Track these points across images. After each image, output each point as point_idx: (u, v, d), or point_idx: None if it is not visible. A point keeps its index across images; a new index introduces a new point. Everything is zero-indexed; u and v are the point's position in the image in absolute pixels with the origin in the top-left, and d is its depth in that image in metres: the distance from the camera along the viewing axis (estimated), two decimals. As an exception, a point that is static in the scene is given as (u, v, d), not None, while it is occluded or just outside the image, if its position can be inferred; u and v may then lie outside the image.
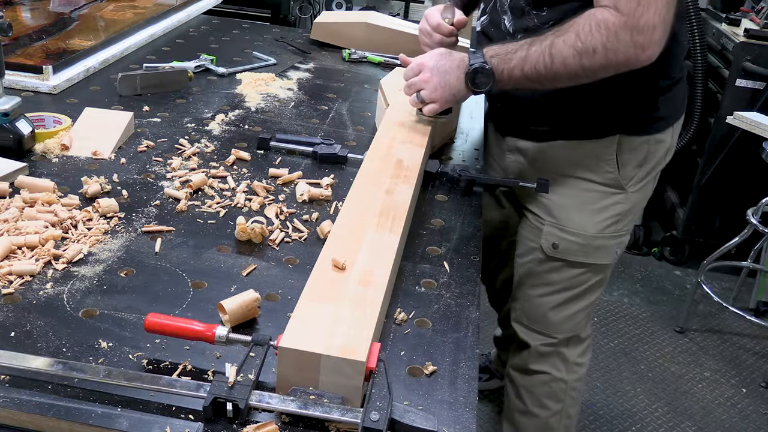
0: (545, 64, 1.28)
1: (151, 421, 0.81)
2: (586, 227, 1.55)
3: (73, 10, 2.25)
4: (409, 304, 1.07)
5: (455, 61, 1.40)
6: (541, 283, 1.65)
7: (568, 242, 1.57)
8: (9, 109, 1.35)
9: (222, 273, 1.10)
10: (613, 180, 1.52)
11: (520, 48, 1.32)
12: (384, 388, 0.83)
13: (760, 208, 2.75)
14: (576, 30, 1.26)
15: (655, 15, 1.21)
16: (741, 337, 3.03)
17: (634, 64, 1.26)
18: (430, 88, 1.41)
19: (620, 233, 1.58)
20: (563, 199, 1.56)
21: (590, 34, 1.24)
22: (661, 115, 1.51)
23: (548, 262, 1.61)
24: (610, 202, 1.54)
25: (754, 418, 2.57)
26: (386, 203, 1.19)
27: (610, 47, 1.23)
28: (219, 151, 1.49)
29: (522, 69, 1.31)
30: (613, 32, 1.22)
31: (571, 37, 1.26)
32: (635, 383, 2.68)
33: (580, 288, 1.63)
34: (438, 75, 1.40)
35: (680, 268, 3.49)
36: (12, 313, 0.96)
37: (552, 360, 1.72)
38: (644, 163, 1.53)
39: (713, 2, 3.74)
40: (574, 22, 1.27)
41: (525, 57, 1.31)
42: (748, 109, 3.00)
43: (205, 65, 1.96)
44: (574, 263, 1.59)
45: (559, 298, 1.64)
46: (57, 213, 1.17)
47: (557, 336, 1.69)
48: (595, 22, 1.24)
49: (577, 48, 1.25)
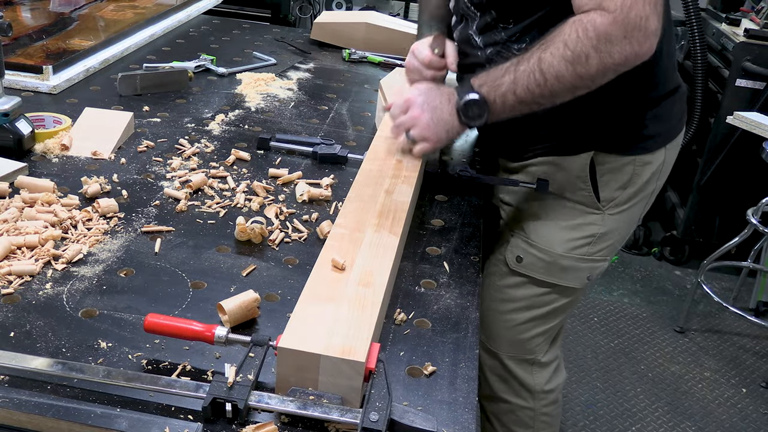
0: (538, 82, 1.19)
1: (150, 421, 0.81)
2: (552, 244, 1.44)
3: (73, 10, 2.25)
4: (409, 305, 1.07)
5: (445, 95, 1.30)
6: (501, 298, 1.54)
7: (533, 257, 1.46)
8: (9, 109, 1.35)
9: (222, 273, 1.10)
10: (587, 199, 1.42)
11: (507, 71, 1.22)
12: (383, 388, 0.83)
13: (760, 208, 2.75)
14: (562, 39, 1.16)
15: (645, 5, 1.12)
16: (741, 337, 3.03)
17: (634, 61, 1.17)
18: (421, 125, 1.30)
19: (594, 258, 1.46)
20: (533, 210, 1.47)
21: (578, 40, 1.15)
22: (649, 134, 1.39)
23: (511, 276, 1.51)
24: (582, 222, 1.43)
25: (754, 418, 2.57)
26: (386, 203, 1.19)
27: (603, 49, 1.14)
28: (219, 151, 1.48)
29: (514, 92, 1.21)
30: (602, 33, 1.13)
31: (558, 47, 1.17)
32: (635, 383, 2.68)
33: (542, 309, 1.51)
34: (429, 111, 1.29)
35: (680, 268, 3.49)
36: (11, 313, 0.96)
37: (514, 387, 1.61)
38: (628, 186, 1.42)
39: (713, 2, 3.74)
40: (558, 32, 1.18)
41: (514, 80, 1.20)
42: (748, 109, 3.00)
43: (205, 65, 1.96)
44: (538, 281, 1.48)
45: (519, 317, 1.53)
46: (57, 213, 1.17)
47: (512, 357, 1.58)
48: (581, 26, 1.15)
49: (567, 57, 1.16)
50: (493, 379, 1.63)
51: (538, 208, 1.46)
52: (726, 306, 2.90)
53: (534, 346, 1.57)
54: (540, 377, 1.61)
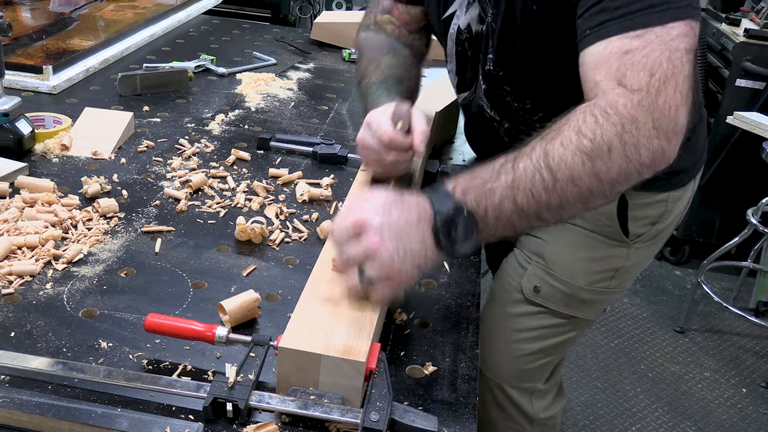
0: (545, 185, 0.89)
1: (151, 421, 0.81)
2: (574, 275, 1.32)
3: (73, 10, 2.25)
4: (409, 304, 1.07)
5: (413, 212, 0.91)
6: (511, 327, 1.41)
7: (552, 288, 1.34)
8: (9, 109, 1.35)
9: (222, 273, 1.10)
10: (613, 233, 1.30)
11: (501, 170, 0.92)
12: (384, 388, 0.83)
13: (760, 208, 2.75)
14: (575, 126, 0.90)
15: (675, 93, 0.90)
16: (741, 337, 3.03)
17: (659, 163, 0.92)
18: (381, 260, 0.88)
19: (613, 290, 1.37)
20: (555, 238, 1.33)
21: (597, 126, 0.89)
22: (680, 168, 1.25)
23: (524, 305, 1.38)
24: (607, 254, 1.32)
25: (754, 418, 2.57)
26: (386, 203, 1.18)
27: (628, 140, 0.88)
28: (219, 151, 1.48)
29: (513, 200, 0.90)
30: (628, 116, 0.88)
31: (570, 137, 0.90)
32: (635, 383, 2.68)
33: (553, 340, 1.40)
34: (391, 239, 0.88)
35: (680, 268, 3.49)
36: (12, 313, 0.96)
37: (512, 415, 1.50)
38: (658, 221, 1.31)
39: (713, 2, 3.74)
40: (566, 120, 0.92)
41: (513, 182, 0.90)
42: (748, 109, 3.00)
43: (205, 65, 1.96)
44: (555, 312, 1.36)
45: (528, 347, 1.41)
46: (57, 213, 1.17)
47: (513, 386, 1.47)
48: (598, 109, 0.90)
49: (585, 148, 0.88)
50: (490, 404, 1.53)
51: (559, 236, 1.33)
52: (726, 306, 2.90)
53: (537, 375, 1.47)
54: (539, 405, 1.52)
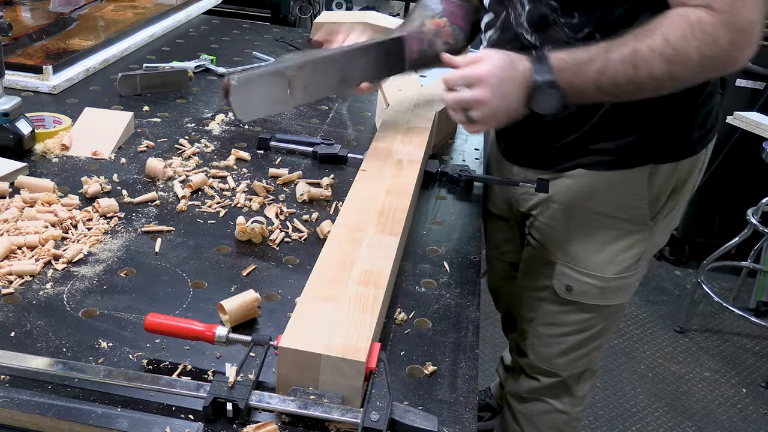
0: (628, 77, 1.06)
1: (151, 421, 0.81)
2: (603, 269, 1.36)
3: (73, 10, 2.25)
4: (409, 304, 1.07)
5: (518, 75, 1.10)
6: (551, 323, 1.47)
7: (585, 285, 1.38)
8: (9, 109, 1.35)
9: (222, 273, 1.10)
10: (637, 216, 1.33)
11: (595, 57, 1.07)
12: (384, 388, 0.83)
13: (760, 208, 2.75)
14: (664, 34, 1.05)
15: (753, 10, 1.03)
16: (741, 337, 3.03)
17: (729, 69, 1.07)
18: (487, 112, 1.10)
19: (640, 268, 1.40)
20: (580, 235, 1.36)
21: (683, 39, 1.03)
22: (696, 137, 1.31)
23: (560, 304, 1.43)
24: (630, 241, 1.35)
25: (754, 418, 2.57)
26: (386, 203, 1.19)
27: (707, 53, 1.03)
28: (219, 151, 1.48)
29: (597, 83, 1.08)
30: (710, 34, 1.02)
31: (658, 42, 1.04)
32: (635, 383, 2.68)
33: (595, 329, 1.45)
34: (500, 97, 1.09)
35: (680, 268, 3.49)
36: (12, 313, 0.96)
37: (556, 392, 1.56)
38: (676, 191, 1.34)
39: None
40: (659, 24, 1.06)
41: (603, 69, 1.07)
42: (748, 109, 3.00)
43: (205, 65, 1.96)
44: (592, 306, 1.41)
45: (574, 340, 1.46)
46: (57, 213, 1.17)
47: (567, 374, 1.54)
48: (687, 23, 1.04)
49: (668, 55, 1.04)
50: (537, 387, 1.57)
51: (581, 231, 1.36)
52: (726, 306, 2.90)
53: (588, 360, 1.52)
54: (585, 385, 1.58)
